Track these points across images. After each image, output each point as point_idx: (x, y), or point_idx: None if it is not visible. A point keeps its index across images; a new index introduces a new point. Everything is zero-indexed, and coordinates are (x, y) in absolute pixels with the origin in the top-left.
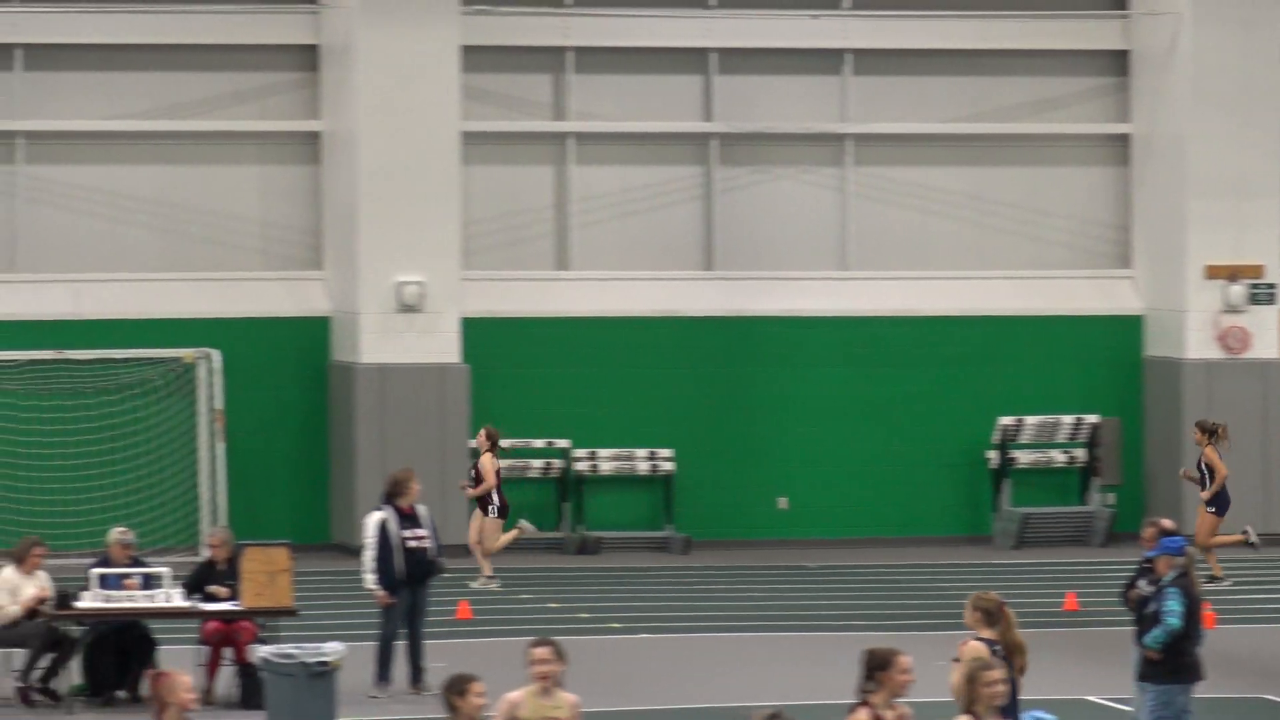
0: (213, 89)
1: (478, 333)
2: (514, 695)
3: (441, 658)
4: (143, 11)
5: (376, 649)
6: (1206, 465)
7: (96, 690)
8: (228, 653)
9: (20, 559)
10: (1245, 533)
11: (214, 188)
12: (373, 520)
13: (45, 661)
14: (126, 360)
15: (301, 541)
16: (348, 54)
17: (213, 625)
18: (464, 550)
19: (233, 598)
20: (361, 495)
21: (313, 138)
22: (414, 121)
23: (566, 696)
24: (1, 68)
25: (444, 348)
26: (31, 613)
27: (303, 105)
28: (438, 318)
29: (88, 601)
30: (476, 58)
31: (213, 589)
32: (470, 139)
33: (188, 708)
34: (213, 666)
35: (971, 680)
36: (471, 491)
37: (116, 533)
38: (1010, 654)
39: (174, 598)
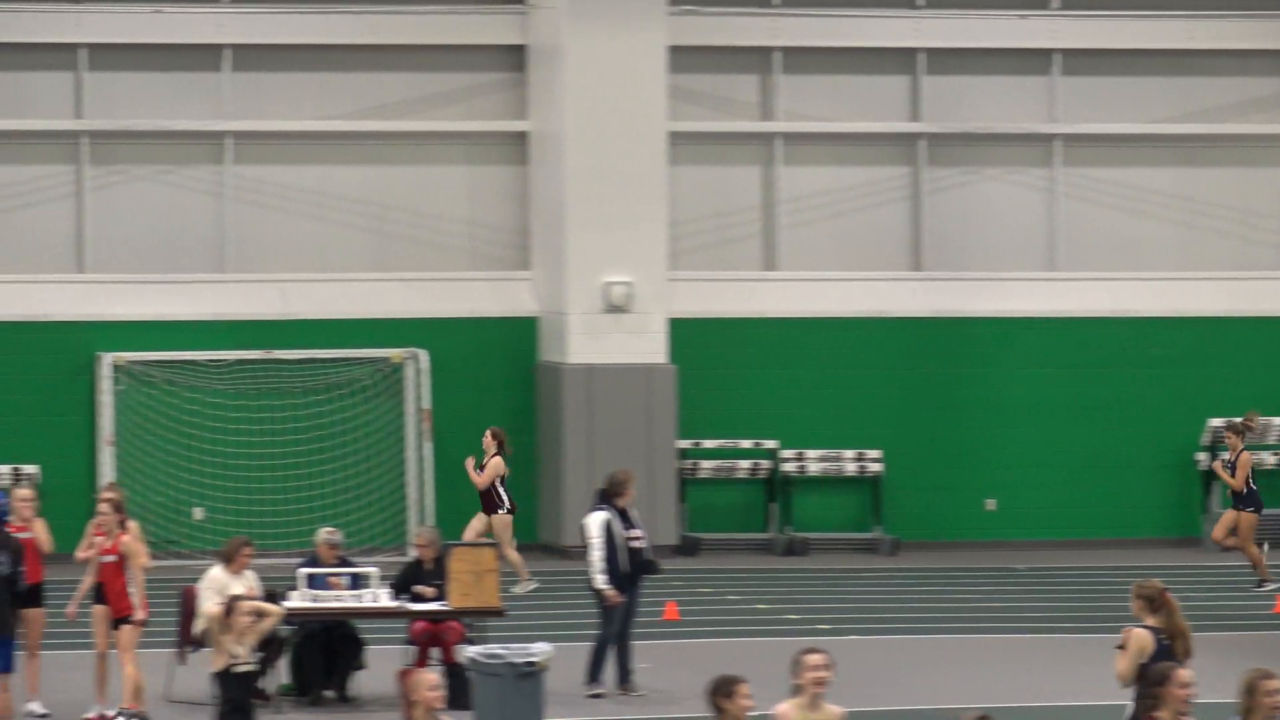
0: (420, 89)
1: (685, 333)
2: (783, 707)
3: (649, 659)
4: (351, 12)
5: (593, 649)
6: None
7: (304, 689)
8: (435, 653)
9: (229, 559)
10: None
11: (422, 188)
12: (598, 520)
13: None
14: (334, 360)
15: None
16: (556, 54)
17: (420, 625)
18: (671, 550)
19: (439, 598)
20: (569, 496)
21: (520, 138)
22: (622, 122)
23: (834, 709)
24: (210, 68)
25: (651, 348)
26: None
27: (510, 105)
28: (645, 318)
29: (295, 601)
30: (684, 58)
31: (418, 589)
32: (678, 139)
33: (434, 706)
34: (420, 666)
35: (1251, 690)
36: (477, 480)
37: (324, 533)
38: (1174, 640)
39: (381, 598)
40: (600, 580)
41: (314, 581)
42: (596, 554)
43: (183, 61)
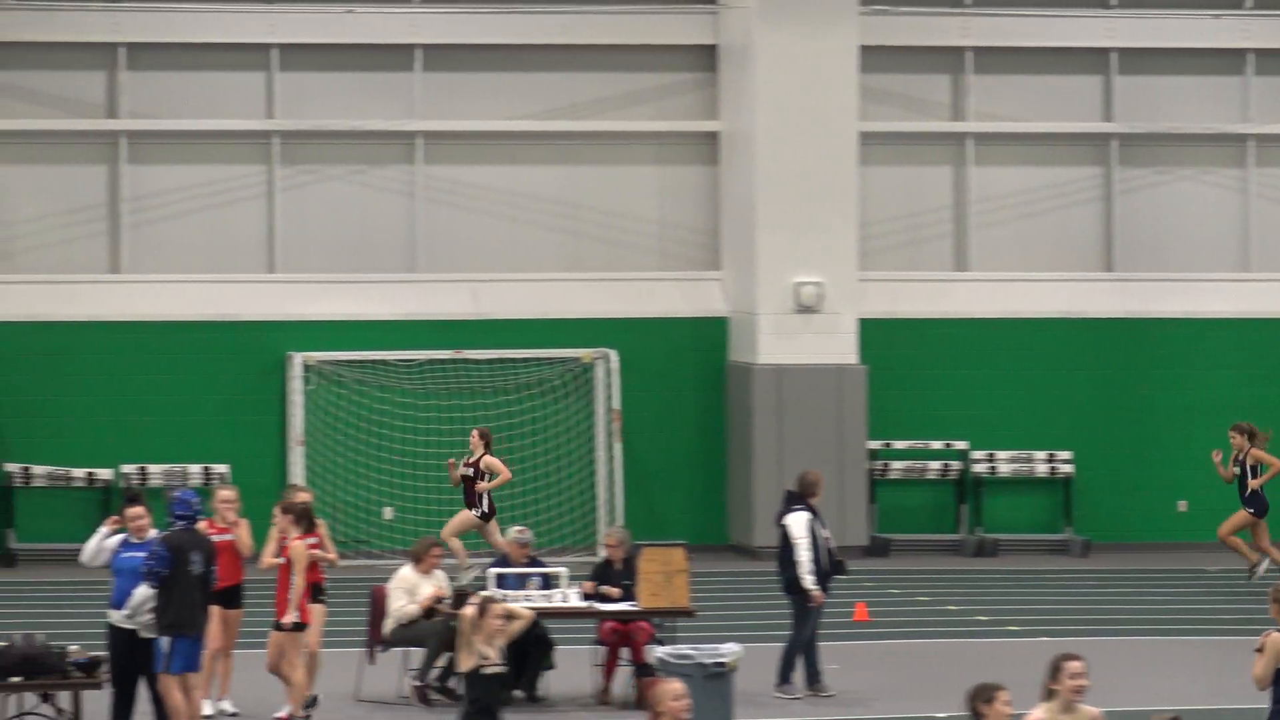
0: (611, 89)
1: (875, 333)
2: (1037, 713)
3: (838, 660)
4: (542, 12)
5: (786, 650)
6: (1251, 464)
7: None
8: (624, 653)
9: (418, 558)
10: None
11: (612, 188)
12: (802, 520)
13: (442, 660)
14: (524, 360)
15: (698, 542)
16: (746, 54)
17: (610, 625)
18: (861, 551)
19: (627, 598)
20: (759, 496)
21: (711, 138)
22: (813, 122)
23: (1089, 711)
24: (401, 68)
25: (842, 348)
26: (429, 612)
27: (701, 106)
28: (836, 318)
29: None
30: (875, 58)
31: (605, 589)
32: (869, 139)
33: (679, 715)
34: (609, 667)
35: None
36: (482, 485)
37: (514, 532)
38: None
39: (571, 598)
40: (810, 580)
41: (504, 581)
42: (805, 554)
43: (375, 61)
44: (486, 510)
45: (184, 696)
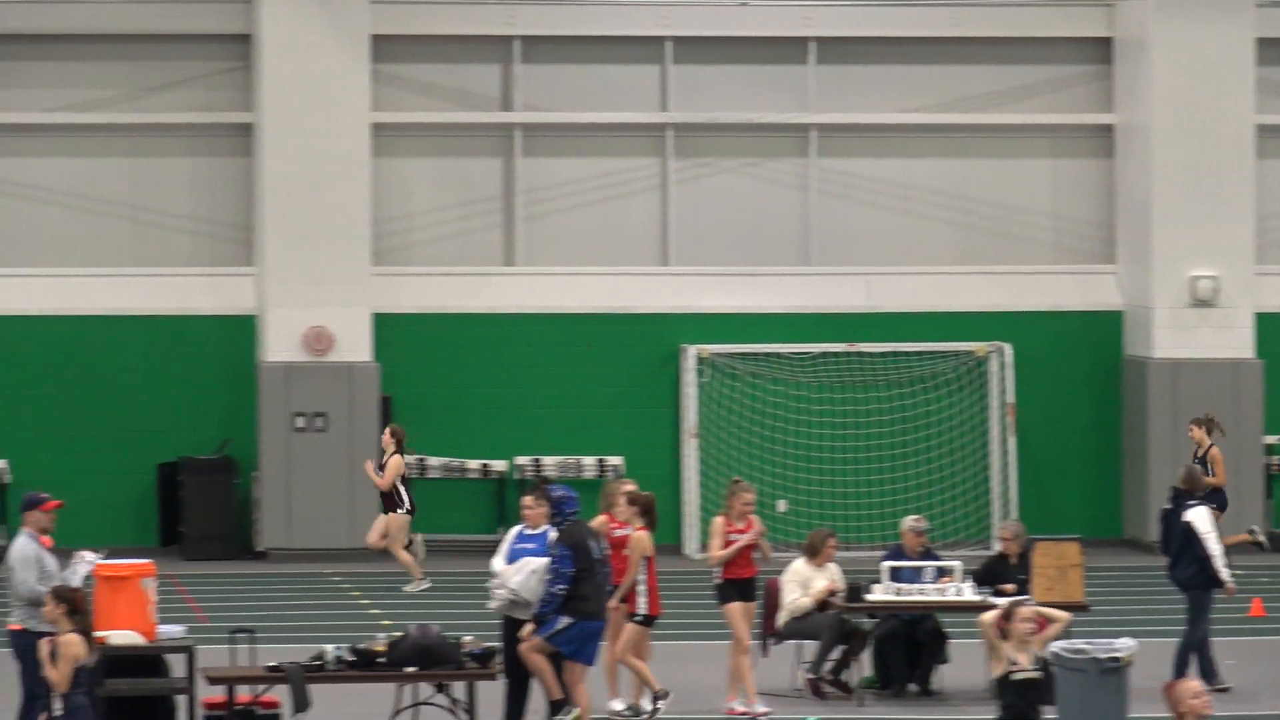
0: (1003, 82)
1: (1273, 327)
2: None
3: (1234, 655)
4: (931, 5)
5: (1182, 646)
6: (1208, 459)
7: (886, 682)
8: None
9: (813, 551)
10: (1252, 531)
11: (1005, 181)
12: (1205, 514)
13: (836, 654)
14: (918, 353)
15: (1093, 536)
16: (1142, 47)
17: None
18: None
19: (1021, 592)
20: (1154, 491)
21: (1105, 131)
22: (1208, 115)
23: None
24: (794, 61)
25: (1238, 343)
26: (822, 605)
27: (1096, 98)
28: (1232, 313)
29: (878, 594)
30: (1273, 50)
31: (1001, 586)
32: (1265, 132)
33: (1202, 713)
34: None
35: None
36: (378, 481)
37: (910, 520)
38: None
39: (965, 591)
40: (1226, 574)
41: (898, 574)
42: (1216, 547)
43: (768, 54)
44: (409, 507)
45: (573, 687)
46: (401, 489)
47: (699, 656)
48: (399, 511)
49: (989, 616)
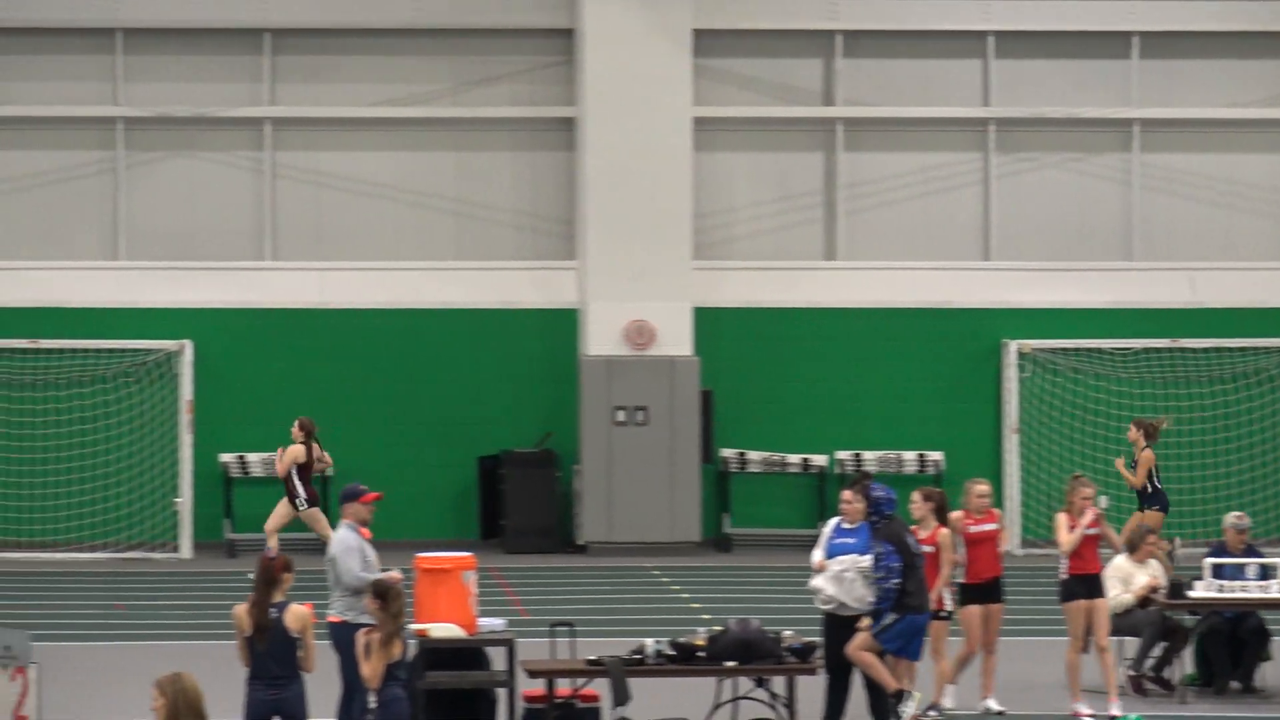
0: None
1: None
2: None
3: None
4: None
5: None
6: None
7: (1209, 680)
8: None
9: (1134, 547)
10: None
11: None
12: None
13: (1158, 650)
14: (1241, 349)
15: None
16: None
17: None
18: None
19: None
20: None
21: None
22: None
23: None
24: (1118, 55)
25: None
26: (1144, 601)
27: None
28: None
29: (1200, 591)
30: None
31: None
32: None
33: None
34: None
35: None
36: (280, 470)
37: (1232, 517)
38: None
39: None
40: None
41: (1220, 571)
42: None
43: (1091, 49)
44: (306, 498)
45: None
46: (296, 480)
47: (1027, 654)
48: (297, 502)
49: None
